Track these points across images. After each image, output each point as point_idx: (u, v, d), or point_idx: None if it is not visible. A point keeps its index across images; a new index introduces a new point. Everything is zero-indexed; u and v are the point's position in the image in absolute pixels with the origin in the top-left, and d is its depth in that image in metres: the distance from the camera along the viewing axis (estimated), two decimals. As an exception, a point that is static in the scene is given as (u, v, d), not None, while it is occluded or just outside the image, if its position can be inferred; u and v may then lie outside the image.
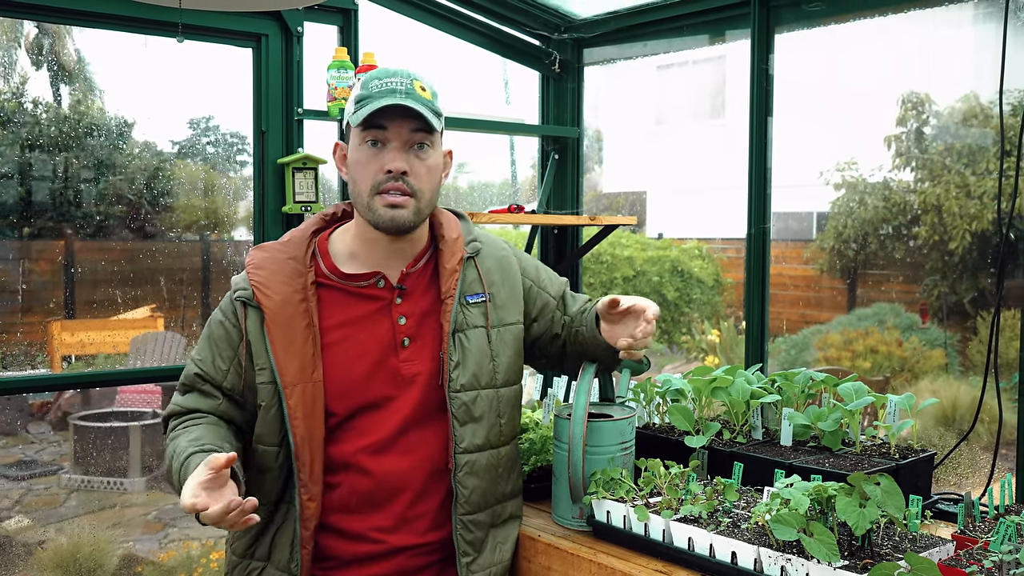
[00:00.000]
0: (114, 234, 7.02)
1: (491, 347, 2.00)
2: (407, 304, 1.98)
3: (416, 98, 1.86)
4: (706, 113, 15.57)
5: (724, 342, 10.31)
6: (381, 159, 1.88)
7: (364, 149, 1.89)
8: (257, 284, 1.93)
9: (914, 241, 10.64)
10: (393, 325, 1.96)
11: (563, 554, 1.97)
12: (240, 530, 1.86)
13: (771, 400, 2.24)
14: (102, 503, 5.89)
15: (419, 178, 1.90)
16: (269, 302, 1.92)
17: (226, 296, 2.00)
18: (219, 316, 1.99)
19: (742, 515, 1.85)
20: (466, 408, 1.95)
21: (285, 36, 3.05)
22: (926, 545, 1.70)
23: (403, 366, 1.95)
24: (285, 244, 2.02)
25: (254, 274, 1.96)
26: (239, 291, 1.95)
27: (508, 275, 2.09)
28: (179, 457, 1.81)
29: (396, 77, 1.88)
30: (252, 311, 1.93)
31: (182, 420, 1.96)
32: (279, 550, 1.93)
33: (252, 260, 2.00)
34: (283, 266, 1.96)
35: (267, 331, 1.90)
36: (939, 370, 8.92)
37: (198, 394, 1.98)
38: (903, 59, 11.32)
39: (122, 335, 6.91)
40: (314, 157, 3.07)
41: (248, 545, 1.97)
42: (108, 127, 6.94)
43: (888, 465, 1.99)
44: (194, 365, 1.98)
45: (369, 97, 1.86)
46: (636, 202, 16.25)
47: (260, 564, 1.95)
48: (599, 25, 3.54)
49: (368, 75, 1.91)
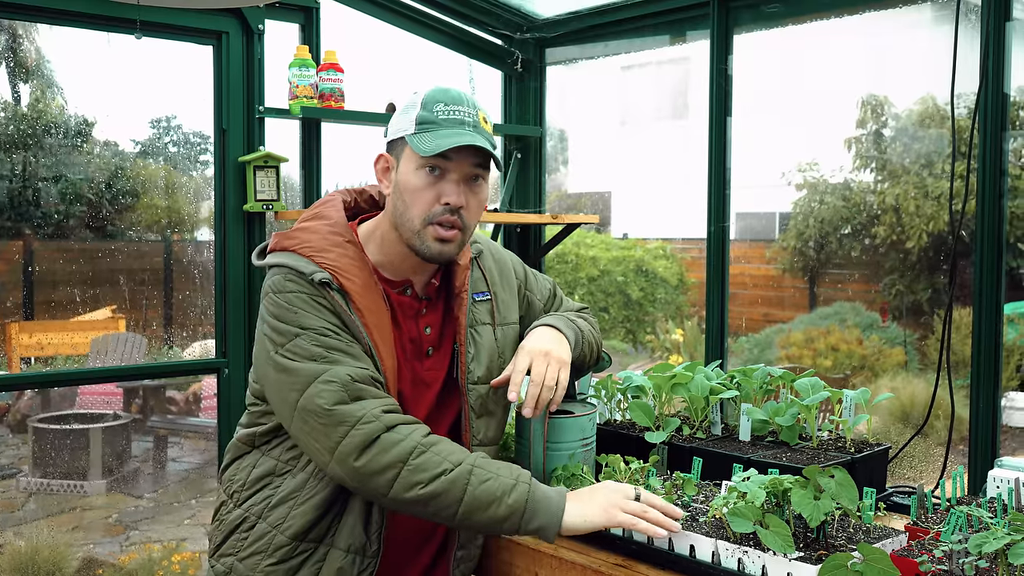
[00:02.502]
0: (74, 234, 6.93)
1: (498, 344, 2.03)
2: (431, 314, 1.99)
3: (483, 133, 1.83)
4: (670, 114, 15.67)
5: (688, 341, 10.38)
6: (439, 189, 1.83)
7: (422, 175, 1.83)
8: (333, 268, 1.81)
9: (871, 240, 10.79)
10: (420, 334, 1.96)
11: (525, 550, 1.98)
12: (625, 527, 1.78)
13: (730, 396, 2.27)
14: (62, 506, 5.81)
15: (471, 213, 1.87)
16: (353, 286, 1.82)
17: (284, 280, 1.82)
18: (299, 296, 1.80)
19: (700, 509, 1.87)
20: (482, 401, 1.98)
21: (246, 34, 3.04)
22: (879, 536, 1.73)
23: (426, 373, 1.97)
24: (334, 226, 1.89)
25: (320, 256, 1.82)
26: (315, 273, 1.79)
27: (506, 275, 2.12)
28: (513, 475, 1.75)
29: (462, 106, 1.83)
30: (336, 293, 1.81)
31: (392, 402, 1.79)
32: (347, 533, 1.86)
33: (308, 243, 1.84)
34: (347, 249, 1.86)
35: (359, 315, 1.81)
36: (898, 368, 9.05)
37: (347, 355, 1.79)
38: (862, 61, 11.48)
39: (82, 336, 6.82)
40: (276, 155, 3.07)
41: (308, 526, 1.85)
42: (68, 126, 6.85)
43: (843, 459, 2.02)
44: (310, 331, 1.78)
45: (435, 123, 1.80)
46: (601, 202, 16.31)
47: (313, 546, 1.86)
48: (561, 25, 3.56)
49: (430, 95, 1.84)
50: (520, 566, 1.99)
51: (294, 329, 1.79)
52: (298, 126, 3.24)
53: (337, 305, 1.80)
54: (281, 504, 1.87)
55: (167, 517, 5.84)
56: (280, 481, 1.89)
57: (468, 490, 1.71)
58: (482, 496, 1.71)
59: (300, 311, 1.79)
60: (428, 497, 1.71)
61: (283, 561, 1.85)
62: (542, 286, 2.23)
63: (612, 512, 1.76)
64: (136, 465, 6.56)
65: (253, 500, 1.91)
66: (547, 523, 1.74)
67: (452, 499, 1.71)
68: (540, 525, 1.74)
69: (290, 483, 1.87)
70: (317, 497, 1.85)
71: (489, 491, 1.72)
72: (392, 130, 1.89)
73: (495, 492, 1.72)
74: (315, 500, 1.84)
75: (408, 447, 1.72)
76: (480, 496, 1.71)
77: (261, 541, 1.87)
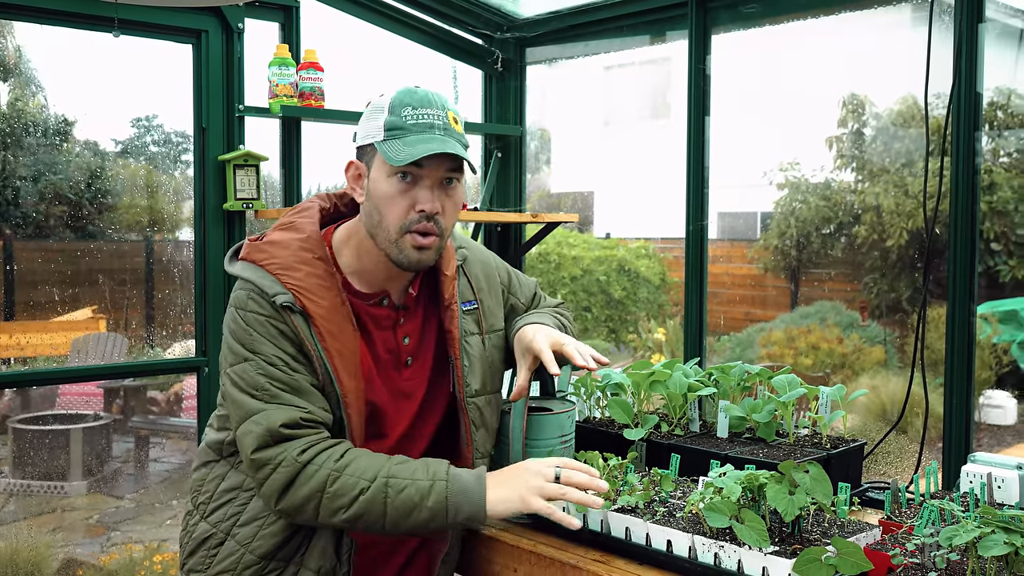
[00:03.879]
0: (54, 234, 6.90)
1: (487, 353, 2.03)
2: (409, 324, 1.96)
3: (454, 135, 1.80)
4: (652, 114, 15.71)
5: (670, 340, 10.41)
6: (413, 196, 1.79)
7: (394, 183, 1.79)
8: (297, 289, 1.78)
9: (851, 239, 10.85)
10: (398, 345, 1.95)
11: (504, 546, 1.99)
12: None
13: (708, 393, 2.29)
14: (42, 507, 5.79)
15: (447, 216, 1.84)
16: (317, 308, 1.78)
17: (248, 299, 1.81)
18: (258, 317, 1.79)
19: (678, 504, 1.89)
20: (480, 413, 1.99)
21: (225, 33, 3.03)
22: (854, 531, 1.75)
23: (405, 384, 1.95)
24: (305, 240, 1.85)
25: (286, 276, 1.79)
26: (279, 295, 1.77)
27: (492, 280, 2.11)
28: (428, 474, 1.74)
29: (431, 108, 1.78)
30: (298, 317, 1.78)
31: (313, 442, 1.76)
32: (317, 555, 1.85)
33: (274, 259, 1.82)
34: (315, 267, 1.82)
35: (320, 340, 1.78)
36: (878, 366, 9.11)
37: (293, 394, 1.78)
38: (843, 61, 11.54)
39: (62, 337, 6.78)
40: (256, 154, 3.07)
41: (277, 546, 1.85)
42: (48, 125, 6.81)
43: (819, 455, 2.04)
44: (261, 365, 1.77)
45: (404, 129, 1.76)
46: (583, 202, 16.35)
47: (282, 565, 1.86)
48: (541, 24, 3.57)
49: (397, 98, 1.80)
50: (499, 563, 2.00)
51: (245, 352, 1.79)
52: (278, 125, 3.24)
53: (298, 330, 1.78)
54: (251, 523, 1.86)
55: (148, 518, 5.82)
56: (248, 497, 1.89)
57: (388, 503, 1.72)
58: (402, 506, 1.72)
59: (255, 334, 1.79)
60: (354, 518, 1.73)
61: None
62: (527, 289, 2.24)
63: (529, 500, 1.74)
64: (117, 466, 6.53)
65: (220, 515, 1.90)
66: (473, 514, 1.74)
67: (376, 515, 1.72)
68: (467, 517, 1.74)
69: (258, 501, 1.86)
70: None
71: (408, 499, 1.72)
72: (361, 135, 1.86)
73: (414, 498, 1.72)
74: (284, 520, 1.83)
75: (322, 477, 1.73)
76: (401, 506, 1.72)
77: (230, 559, 1.87)
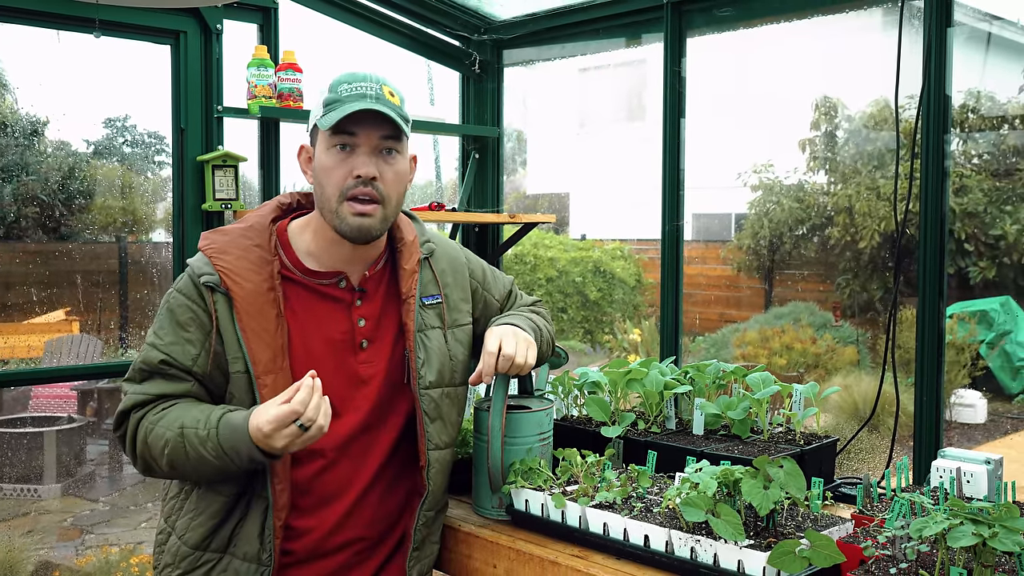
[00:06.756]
0: (27, 235, 6.85)
1: (448, 347, 2.04)
2: (366, 306, 1.98)
3: (386, 103, 1.85)
4: (627, 116, 15.79)
5: (646, 341, 10.47)
6: (350, 164, 1.85)
7: (332, 154, 1.86)
8: (224, 270, 1.86)
9: (820, 239, 10.96)
10: (353, 327, 1.96)
11: (483, 542, 2.01)
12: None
13: (684, 391, 2.32)
14: (15, 510, 5.75)
15: (387, 184, 1.88)
16: (240, 290, 1.85)
17: (184, 279, 1.91)
18: (182, 299, 1.88)
19: (655, 500, 1.92)
20: (435, 405, 1.99)
21: (204, 33, 3.04)
22: (827, 524, 1.78)
23: (361, 368, 1.96)
24: (247, 230, 1.94)
25: (218, 259, 1.88)
26: (205, 276, 1.86)
27: (459, 275, 2.13)
28: (207, 423, 1.77)
29: (365, 82, 1.86)
30: (220, 297, 1.86)
31: (151, 407, 1.86)
32: (244, 542, 1.88)
33: (213, 244, 1.91)
34: (249, 252, 1.90)
35: (238, 319, 1.84)
36: (851, 366, 9.21)
37: (163, 379, 1.86)
38: (817, 65, 11.66)
39: (36, 339, 6.74)
40: (234, 154, 3.07)
41: (204, 536, 1.88)
42: (20, 125, 6.76)
43: (793, 450, 2.08)
44: (156, 351, 1.86)
45: (338, 101, 1.84)
46: (559, 203, 16.40)
47: (216, 556, 1.89)
48: (518, 27, 3.60)
49: (336, 79, 1.88)
50: (478, 559, 2.03)
51: (152, 330, 1.91)
52: (256, 126, 3.24)
53: (215, 311, 1.85)
54: (185, 515, 1.91)
55: (124, 520, 5.80)
56: (188, 492, 1.93)
57: (188, 452, 1.78)
58: (194, 453, 1.77)
59: (166, 318, 1.89)
60: (170, 468, 1.82)
61: (188, 572, 1.88)
62: (501, 286, 2.26)
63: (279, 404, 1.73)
64: (92, 468, 6.49)
65: (168, 510, 1.96)
66: (257, 455, 1.75)
67: (183, 463, 1.80)
68: (253, 457, 1.75)
69: (195, 494, 1.91)
70: (213, 506, 1.88)
71: (199, 446, 1.77)
72: (309, 121, 1.94)
73: (200, 447, 1.77)
74: (211, 510, 1.88)
75: (143, 433, 1.84)
76: (194, 454, 1.78)
77: (171, 553, 1.92)
